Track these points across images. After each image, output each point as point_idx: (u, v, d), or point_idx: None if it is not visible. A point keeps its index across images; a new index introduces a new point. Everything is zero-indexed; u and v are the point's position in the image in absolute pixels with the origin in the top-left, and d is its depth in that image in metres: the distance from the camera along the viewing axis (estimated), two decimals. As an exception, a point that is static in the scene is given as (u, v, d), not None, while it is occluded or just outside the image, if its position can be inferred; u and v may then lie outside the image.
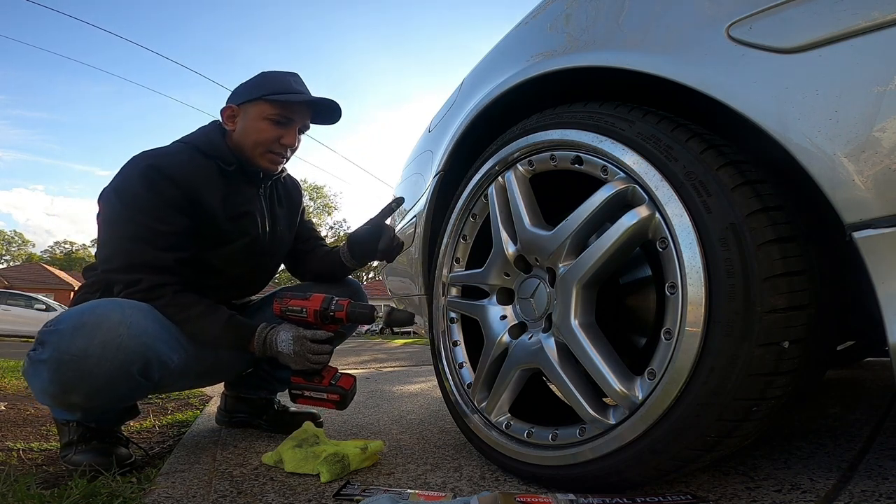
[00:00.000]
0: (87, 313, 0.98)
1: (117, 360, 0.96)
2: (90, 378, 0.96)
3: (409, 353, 6.00)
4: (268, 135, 1.19)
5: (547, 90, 0.92)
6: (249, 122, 1.19)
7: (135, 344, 0.98)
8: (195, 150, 1.18)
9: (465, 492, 0.86)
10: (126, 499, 0.87)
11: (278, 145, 1.21)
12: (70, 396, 0.99)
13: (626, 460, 0.73)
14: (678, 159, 0.69)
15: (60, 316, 1.01)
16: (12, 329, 12.48)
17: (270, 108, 1.18)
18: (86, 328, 0.96)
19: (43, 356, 0.96)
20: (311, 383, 1.13)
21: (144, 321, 1.01)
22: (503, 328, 1.00)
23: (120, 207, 1.09)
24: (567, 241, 0.83)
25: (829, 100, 0.53)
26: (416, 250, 1.33)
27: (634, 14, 0.75)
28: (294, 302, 1.13)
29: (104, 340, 0.95)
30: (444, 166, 1.19)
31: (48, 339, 0.97)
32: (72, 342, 0.95)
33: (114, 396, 1.02)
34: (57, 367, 0.95)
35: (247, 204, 1.23)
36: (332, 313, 1.11)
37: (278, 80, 1.21)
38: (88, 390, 0.98)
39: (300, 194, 1.46)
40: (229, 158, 1.19)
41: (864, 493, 0.74)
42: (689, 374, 0.66)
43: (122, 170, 1.11)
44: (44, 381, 0.97)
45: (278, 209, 1.35)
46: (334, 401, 1.12)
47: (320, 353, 1.11)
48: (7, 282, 24.34)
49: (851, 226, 0.52)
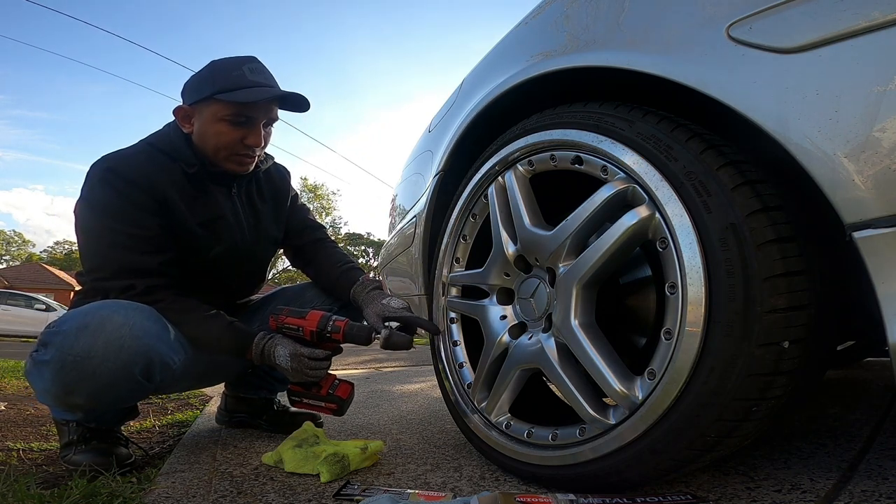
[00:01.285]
0: (90, 314, 0.98)
1: (120, 360, 0.96)
2: (93, 379, 0.96)
3: (409, 353, 5.99)
4: (228, 137, 1.10)
5: (547, 90, 0.92)
6: (206, 125, 1.11)
7: (137, 345, 0.98)
8: (158, 151, 1.12)
9: (465, 492, 0.86)
10: (126, 499, 0.87)
11: (242, 146, 1.12)
12: (72, 397, 0.99)
13: (626, 460, 0.73)
14: (678, 159, 0.69)
15: (63, 317, 1.01)
16: (12, 329, 12.50)
17: (224, 108, 1.08)
18: (89, 329, 0.95)
19: (46, 357, 0.96)
20: (308, 392, 1.14)
21: (147, 322, 1.01)
22: (503, 328, 1.00)
23: (92, 217, 1.07)
24: (567, 241, 0.83)
25: (829, 100, 0.53)
26: (416, 250, 1.33)
27: (634, 14, 0.74)
28: (290, 320, 1.11)
29: (107, 341, 0.95)
30: (444, 166, 1.19)
31: (51, 340, 0.97)
32: (75, 343, 0.95)
33: (116, 397, 1.02)
34: (60, 368, 0.95)
35: (217, 208, 1.17)
36: (329, 334, 1.09)
37: (229, 73, 1.08)
38: (91, 391, 0.98)
39: (287, 184, 1.37)
40: (190, 160, 1.12)
41: (864, 493, 0.74)
42: (689, 374, 0.66)
43: (87, 176, 1.08)
44: (46, 381, 0.98)
45: (260, 205, 1.28)
46: (332, 409, 1.14)
47: (317, 368, 1.10)
48: (7, 282, 24.33)
49: (851, 226, 0.52)
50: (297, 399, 1.16)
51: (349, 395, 1.17)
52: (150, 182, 1.07)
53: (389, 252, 1.62)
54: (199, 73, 1.13)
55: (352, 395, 1.18)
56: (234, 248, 1.21)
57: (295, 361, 1.08)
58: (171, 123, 1.17)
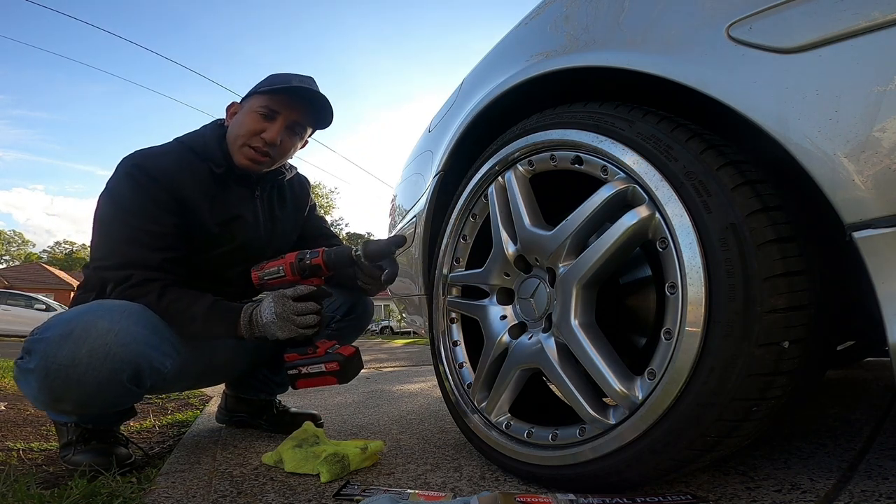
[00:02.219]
0: (74, 321, 0.96)
1: (105, 368, 0.94)
2: (79, 387, 0.94)
3: (409, 353, 6.00)
4: (249, 127, 1.15)
5: (547, 90, 0.92)
6: (240, 116, 1.19)
7: (124, 352, 0.95)
8: (188, 150, 1.16)
9: (465, 492, 0.86)
10: (126, 499, 0.87)
11: (257, 139, 1.15)
12: (60, 404, 0.99)
13: (626, 460, 0.73)
14: (678, 159, 0.69)
15: (48, 323, 0.99)
16: (12, 329, 12.49)
17: (259, 100, 1.16)
18: (72, 336, 0.93)
19: (30, 365, 0.95)
20: (305, 356, 1.04)
21: (135, 327, 0.98)
22: (503, 328, 1.00)
23: (112, 209, 1.10)
24: (567, 241, 0.83)
25: (829, 100, 0.53)
26: (416, 250, 1.33)
27: (634, 14, 0.74)
28: (270, 264, 1.09)
29: (91, 349, 0.93)
30: (444, 166, 1.19)
31: (35, 348, 0.95)
32: (59, 351, 0.93)
33: (105, 403, 1.02)
34: (45, 377, 0.93)
35: (237, 207, 1.21)
36: (309, 261, 1.06)
37: (281, 76, 1.19)
38: (78, 398, 0.97)
39: (307, 193, 1.43)
40: (220, 161, 1.17)
41: (864, 493, 0.74)
42: (689, 374, 0.66)
43: (115, 169, 1.12)
44: (33, 389, 0.97)
45: (280, 211, 1.32)
46: (333, 370, 1.03)
47: (305, 312, 1.04)
48: (7, 282, 24.34)
49: (851, 226, 0.52)
50: (295, 372, 1.05)
51: (353, 355, 1.06)
52: (172, 180, 1.10)
53: (389, 252, 1.62)
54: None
55: (357, 359, 1.08)
56: (246, 247, 1.23)
57: (279, 305, 1.03)
58: (209, 124, 1.24)
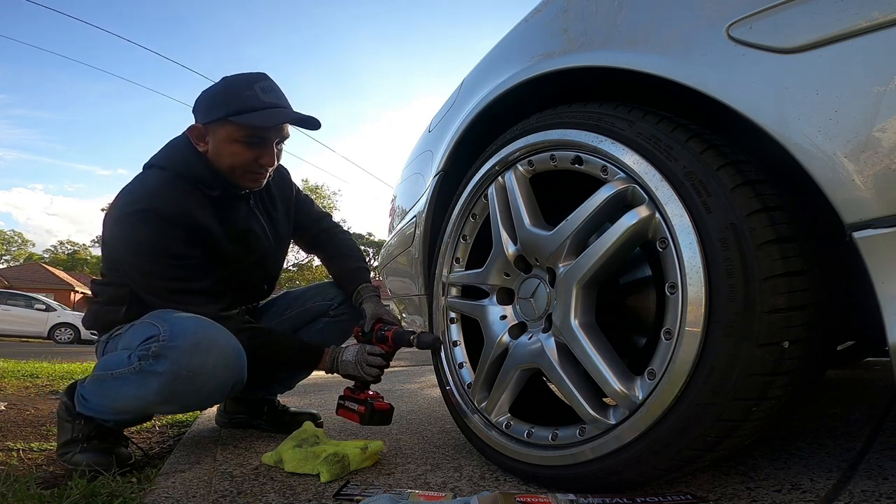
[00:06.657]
0: (199, 333, 1.03)
1: (223, 378, 1.05)
2: (197, 392, 1.04)
3: (409, 353, 5.99)
4: (243, 158, 1.13)
5: (547, 90, 0.92)
6: (221, 145, 1.13)
7: (237, 365, 1.07)
8: (179, 177, 1.13)
9: (465, 492, 0.86)
10: (126, 499, 0.87)
11: (257, 165, 1.15)
12: (164, 406, 1.07)
13: (626, 460, 0.73)
14: (678, 159, 0.68)
15: (171, 331, 1.02)
16: (12, 329, 12.50)
17: (238, 130, 1.10)
18: (201, 347, 1.02)
19: (160, 368, 1.00)
20: (353, 395, 1.22)
21: (239, 345, 1.09)
22: (503, 328, 1.00)
23: (141, 259, 1.11)
24: (567, 242, 0.83)
25: (829, 100, 0.53)
26: (416, 250, 1.33)
27: (634, 14, 0.74)
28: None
29: (217, 360, 1.03)
30: (444, 166, 1.19)
31: (167, 354, 1.00)
32: (191, 360, 1.00)
33: (201, 405, 1.14)
34: (173, 380, 1.00)
35: (244, 222, 1.24)
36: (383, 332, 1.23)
37: (241, 93, 1.10)
38: (188, 401, 1.07)
39: (289, 182, 1.42)
40: (212, 184, 1.16)
41: (864, 493, 0.74)
42: (689, 374, 0.66)
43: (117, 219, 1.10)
44: (150, 389, 1.01)
45: (273, 211, 1.34)
46: (360, 412, 1.18)
47: (374, 364, 1.20)
48: (7, 282, 24.33)
49: (851, 226, 0.52)
50: (341, 403, 1.23)
51: (383, 410, 1.18)
52: (186, 215, 1.11)
53: (389, 252, 1.62)
54: (212, 90, 1.14)
55: (385, 414, 1.18)
56: (264, 257, 1.30)
57: (360, 354, 1.22)
58: (181, 142, 1.18)
